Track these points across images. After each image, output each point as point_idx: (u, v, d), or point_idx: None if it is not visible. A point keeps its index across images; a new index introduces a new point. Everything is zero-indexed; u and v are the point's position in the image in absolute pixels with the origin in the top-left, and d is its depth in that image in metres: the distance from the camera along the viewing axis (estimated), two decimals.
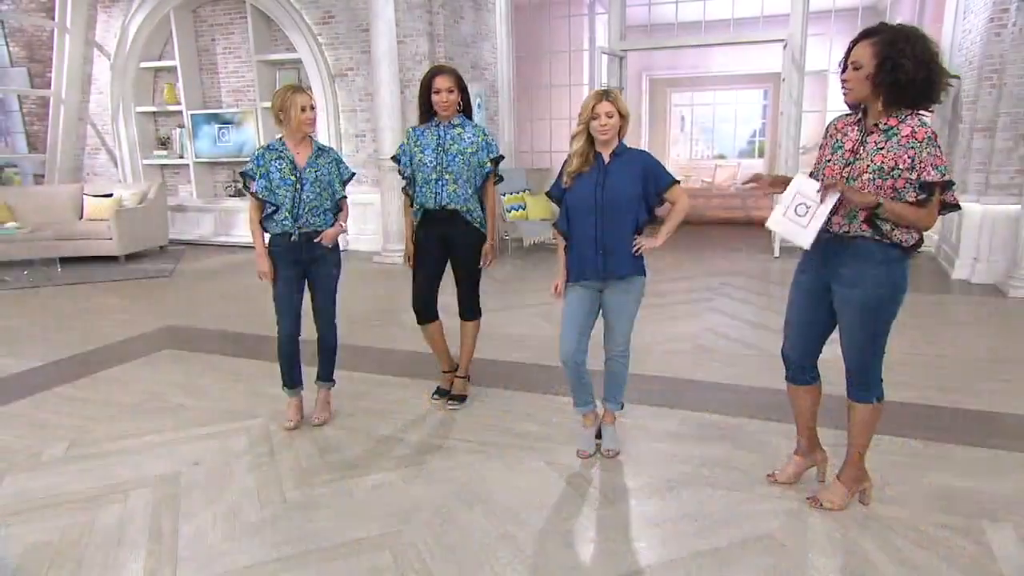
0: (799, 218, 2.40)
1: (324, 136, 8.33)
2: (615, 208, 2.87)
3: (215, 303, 6.23)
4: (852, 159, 2.38)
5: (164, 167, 9.67)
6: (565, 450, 3.17)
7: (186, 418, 3.61)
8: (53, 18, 9.23)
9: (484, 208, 3.56)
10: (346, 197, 3.47)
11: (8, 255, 7.43)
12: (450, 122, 3.44)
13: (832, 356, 2.66)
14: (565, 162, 2.96)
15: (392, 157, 3.65)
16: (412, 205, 3.54)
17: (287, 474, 3.00)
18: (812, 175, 2.50)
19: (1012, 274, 5.88)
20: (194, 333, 5.25)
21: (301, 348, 3.50)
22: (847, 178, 2.36)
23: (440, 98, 3.37)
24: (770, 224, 2.52)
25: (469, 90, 3.55)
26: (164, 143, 9.58)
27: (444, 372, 3.79)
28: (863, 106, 2.39)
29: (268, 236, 3.34)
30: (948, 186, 2.30)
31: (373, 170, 8.09)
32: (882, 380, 2.55)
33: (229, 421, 3.55)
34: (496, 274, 7.02)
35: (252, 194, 3.29)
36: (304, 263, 3.36)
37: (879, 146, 2.32)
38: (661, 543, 2.48)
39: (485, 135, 3.51)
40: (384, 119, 7.38)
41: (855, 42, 2.34)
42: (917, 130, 2.28)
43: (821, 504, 2.63)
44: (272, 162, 3.26)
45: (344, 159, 9.19)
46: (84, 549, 2.47)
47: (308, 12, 8.18)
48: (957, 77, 6.92)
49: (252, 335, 4.98)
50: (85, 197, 8.42)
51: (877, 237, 2.35)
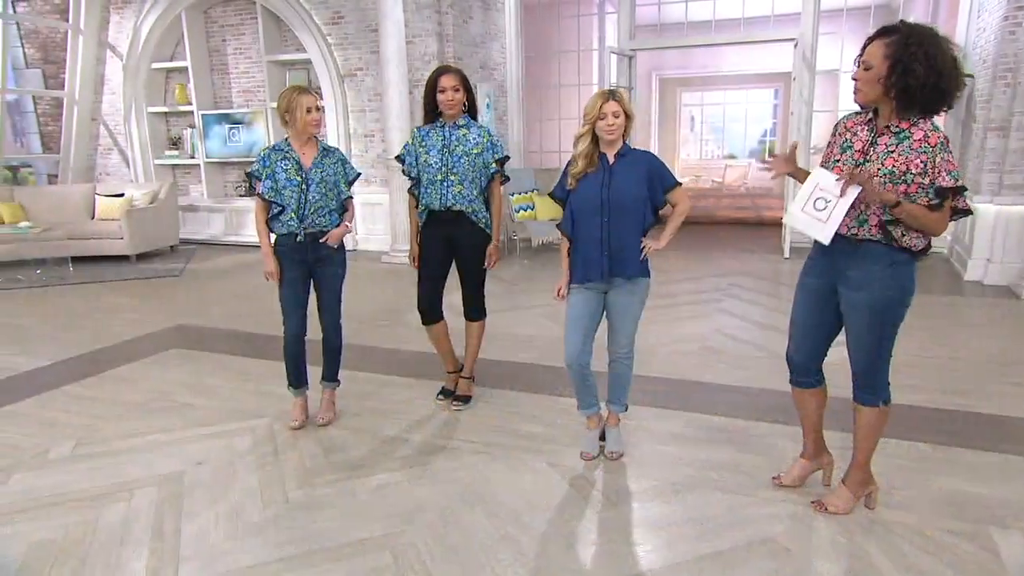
0: (818, 212, 2.35)
1: (333, 136, 8.36)
2: (621, 209, 2.85)
3: (225, 302, 6.26)
4: (862, 160, 2.34)
5: (175, 167, 9.74)
6: (569, 452, 3.15)
7: (192, 417, 3.63)
8: (67, 20, 9.32)
9: (489, 209, 3.56)
10: (352, 198, 3.48)
11: (21, 254, 7.51)
12: (455, 123, 3.44)
13: (839, 359, 2.63)
14: (569, 163, 2.95)
15: (396, 157, 3.65)
16: (417, 206, 3.54)
17: (291, 474, 3.00)
18: (816, 168, 2.47)
19: None
20: (203, 332, 5.28)
21: (307, 348, 3.51)
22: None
23: (446, 97, 3.36)
24: (787, 220, 2.48)
25: (478, 90, 3.54)
26: (175, 143, 9.65)
27: (449, 373, 3.79)
28: (874, 106, 2.36)
29: (274, 236, 3.35)
30: (960, 191, 2.27)
31: (382, 170, 8.10)
32: (889, 383, 2.52)
33: (235, 421, 3.57)
34: (504, 274, 7.02)
35: (258, 195, 3.30)
36: (310, 263, 3.37)
37: (890, 149, 2.28)
38: (664, 546, 2.46)
39: (490, 136, 3.50)
40: (393, 119, 7.40)
41: (870, 40, 2.29)
42: (930, 134, 2.24)
43: (826, 508, 2.60)
44: (278, 163, 3.27)
45: (353, 159, 9.14)
46: (88, 547, 2.48)
47: (317, 12, 8.21)
48: (971, 76, 6.84)
49: (261, 335, 4.99)
50: (97, 197, 8.49)
51: (887, 242, 2.33)
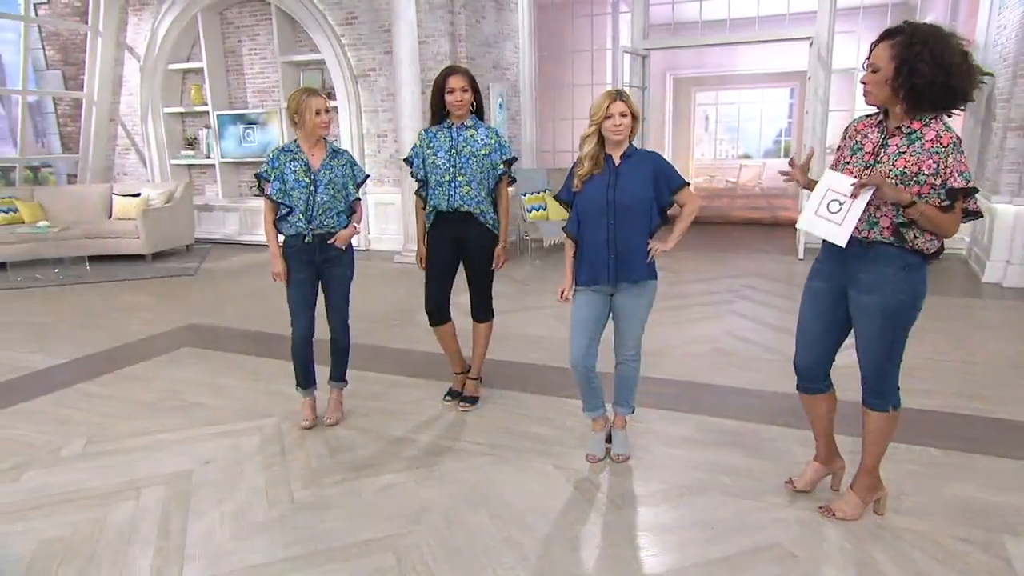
0: (832, 215, 2.32)
1: (347, 136, 8.39)
2: (628, 211, 2.83)
3: (239, 301, 6.30)
4: (873, 162, 2.31)
5: (191, 167, 9.84)
6: (576, 454, 3.14)
7: (202, 416, 3.66)
8: (86, 22, 9.44)
9: (497, 210, 3.55)
10: (360, 199, 3.48)
11: (40, 253, 7.61)
12: (463, 123, 3.43)
13: (848, 362, 2.59)
14: (574, 164, 2.93)
15: (404, 159, 3.66)
16: (424, 207, 3.54)
17: (297, 474, 3.02)
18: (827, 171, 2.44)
19: None
20: (215, 332, 5.32)
21: (315, 348, 3.52)
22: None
23: (454, 98, 3.36)
24: (801, 224, 2.45)
25: (491, 90, 3.54)
26: (191, 143, 9.74)
27: (457, 374, 3.79)
28: (885, 107, 2.33)
29: (282, 237, 3.37)
30: (972, 193, 2.24)
31: (394, 170, 8.12)
32: (898, 388, 2.49)
33: (244, 420, 3.59)
34: (515, 274, 7.01)
35: (266, 196, 3.32)
36: (318, 264, 3.39)
37: (901, 150, 2.25)
38: (668, 551, 2.44)
39: (498, 136, 3.50)
40: (405, 119, 7.41)
41: (876, 42, 2.28)
42: (942, 135, 2.21)
43: (834, 514, 2.56)
44: (287, 164, 3.29)
45: (366, 159, 9.13)
46: (95, 545, 2.51)
47: (331, 13, 8.25)
48: (991, 74, 6.73)
49: (273, 334, 5.02)
50: (114, 196, 8.60)
51: (899, 244, 2.29)
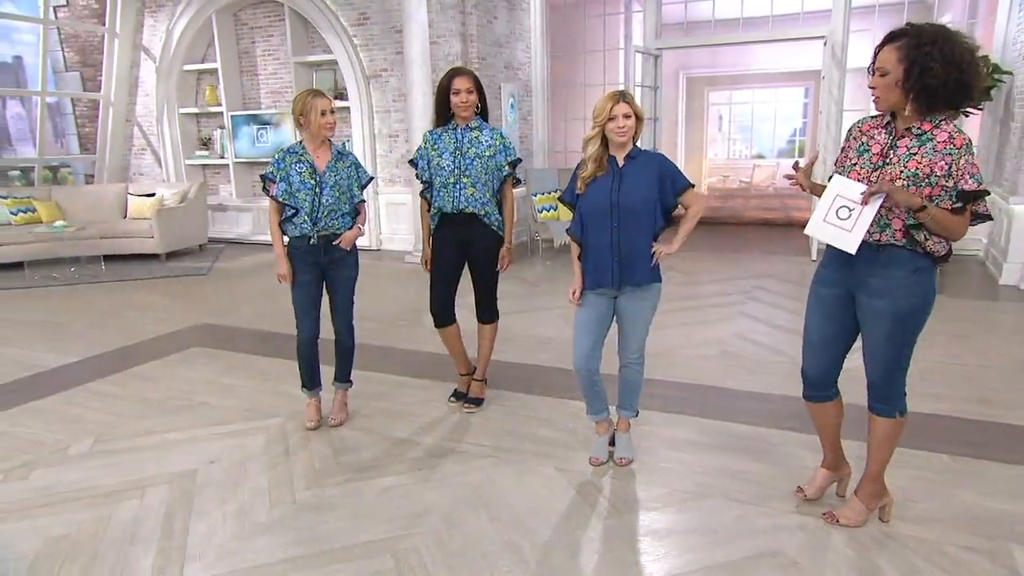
0: (842, 221, 2.28)
1: (358, 136, 8.42)
2: (632, 213, 2.81)
3: (250, 301, 6.34)
4: (881, 163, 2.28)
5: (206, 167, 9.92)
6: (579, 457, 3.13)
7: (209, 416, 3.68)
8: (104, 24, 9.56)
9: (502, 211, 3.54)
10: (364, 201, 3.50)
11: (56, 252, 7.71)
12: (468, 125, 3.43)
13: (853, 365, 2.56)
14: (578, 166, 2.92)
15: (410, 161, 3.67)
16: (429, 209, 3.54)
17: (300, 475, 3.03)
18: (835, 175, 2.41)
19: None
20: (226, 331, 5.35)
21: (321, 348, 3.54)
22: (875, 182, 2.26)
23: (460, 99, 3.36)
24: (810, 230, 2.39)
25: (502, 90, 3.54)
26: (206, 143, 9.83)
27: (462, 375, 3.78)
28: (893, 110, 2.30)
29: (287, 238, 3.38)
30: (982, 196, 2.20)
31: (406, 170, 8.12)
32: (905, 393, 2.45)
33: (250, 420, 3.61)
34: (526, 275, 7.00)
35: (272, 197, 3.34)
36: (323, 265, 3.40)
37: (912, 151, 2.22)
38: (668, 556, 2.43)
39: (503, 138, 3.49)
40: (416, 119, 7.42)
41: (880, 47, 2.25)
42: (955, 136, 2.17)
43: (838, 520, 2.53)
44: (292, 165, 3.30)
45: (377, 159, 9.13)
46: (99, 544, 2.53)
47: (344, 14, 8.28)
48: (1010, 73, 6.62)
49: (283, 334, 5.02)
50: (129, 196, 8.70)
51: (910, 247, 2.26)
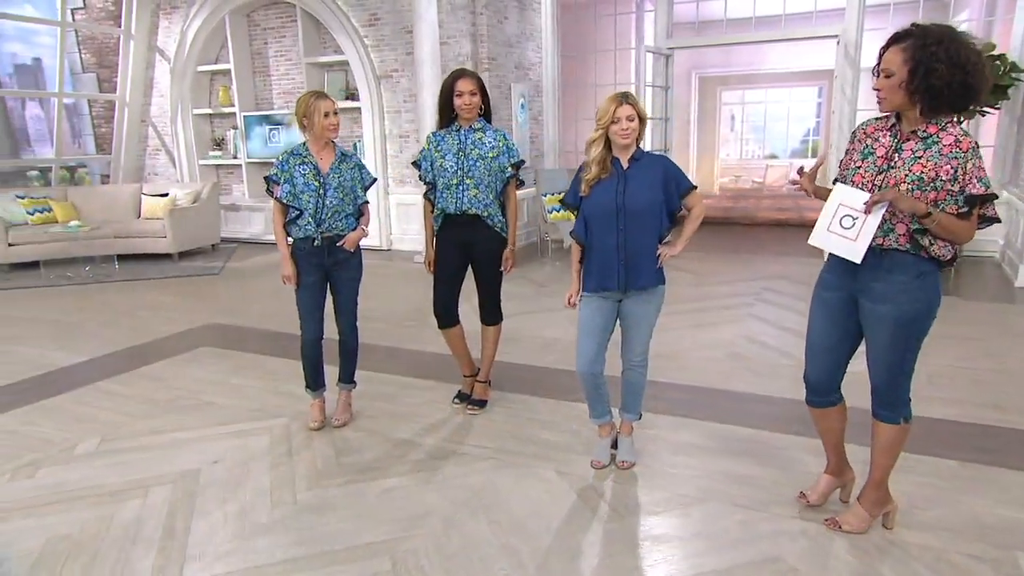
0: (846, 231, 2.25)
1: (369, 136, 8.45)
2: (638, 215, 2.79)
3: (261, 301, 6.37)
4: (886, 167, 2.24)
5: (219, 167, 10.00)
6: (581, 460, 3.11)
7: (215, 416, 3.71)
8: (120, 26, 9.66)
9: (505, 213, 3.54)
10: (368, 202, 3.50)
11: (71, 252, 7.80)
12: (471, 126, 3.43)
13: (857, 370, 2.52)
14: (580, 169, 2.90)
15: (413, 163, 3.68)
16: (433, 210, 3.54)
17: (302, 475, 3.04)
18: (837, 182, 2.37)
19: None
20: (235, 331, 5.38)
21: (326, 348, 3.55)
22: (879, 186, 2.23)
23: (463, 101, 3.36)
24: (814, 240, 2.34)
25: (512, 90, 3.53)
26: (219, 144, 9.91)
27: (465, 376, 3.78)
28: (897, 112, 2.26)
29: (291, 240, 3.40)
30: (990, 199, 2.16)
31: (416, 170, 8.14)
32: (910, 399, 2.41)
33: (255, 420, 3.63)
34: (535, 276, 6.99)
35: (276, 199, 3.35)
36: (327, 267, 3.41)
37: (917, 154, 2.18)
38: (667, 561, 2.41)
39: (506, 139, 3.48)
40: (427, 120, 7.42)
41: (885, 47, 2.21)
42: (961, 139, 2.13)
43: (840, 527, 2.50)
44: (296, 167, 3.31)
45: (388, 159, 9.12)
46: (101, 543, 2.56)
47: (355, 14, 8.31)
48: None
49: (292, 334, 4.96)
50: (142, 196, 8.78)
51: (914, 251, 2.22)
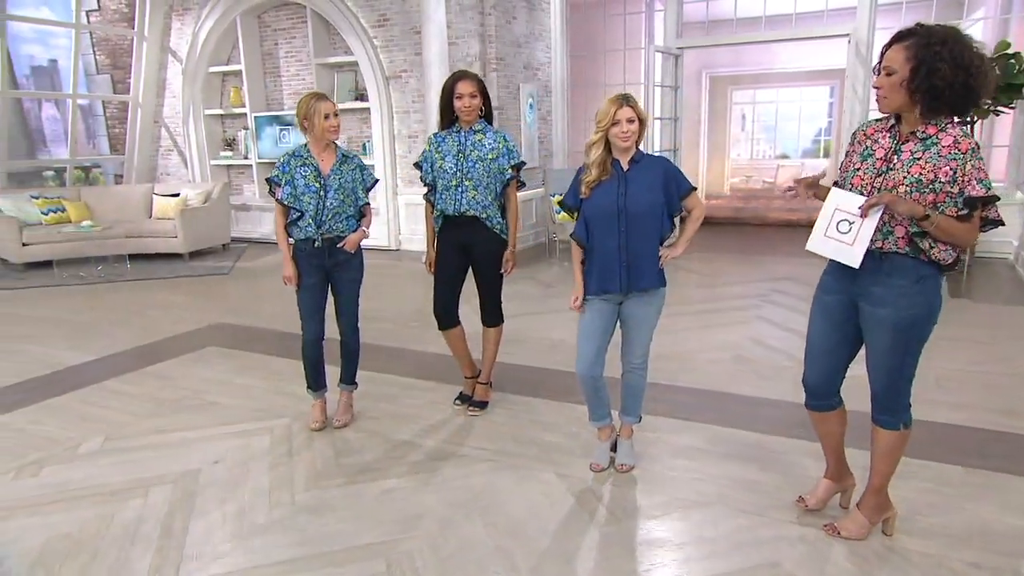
0: (843, 235, 2.23)
1: (378, 136, 8.47)
2: (639, 217, 2.77)
3: (269, 300, 6.38)
4: (885, 168, 2.22)
5: (230, 167, 10.07)
6: (580, 463, 3.10)
7: (218, 416, 3.73)
8: (133, 27, 9.76)
9: (505, 215, 3.53)
10: (369, 203, 3.51)
11: (84, 252, 7.89)
12: (472, 128, 3.43)
13: (857, 373, 2.49)
14: (580, 171, 2.89)
15: (415, 164, 3.69)
16: (433, 211, 3.54)
17: (301, 476, 3.05)
18: (837, 185, 2.35)
19: None
20: (243, 331, 5.41)
21: (328, 349, 3.56)
22: (878, 188, 2.21)
23: (463, 103, 3.36)
24: (811, 246, 2.32)
25: (521, 90, 3.53)
26: (230, 144, 9.98)
27: (467, 378, 3.78)
28: (897, 113, 2.23)
29: (292, 241, 3.41)
30: (992, 201, 2.13)
31: (418, 171, 8.15)
32: (910, 405, 2.38)
33: (257, 420, 3.65)
34: (541, 276, 6.98)
35: (277, 200, 3.37)
36: (327, 268, 3.42)
37: (916, 156, 2.15)
38: (663, 565, 2.39)
39: (506, 141, 3.48)
40: (435, 120, 7.40)
41: (888, 46, 2.19)
42: (960, 140, 2.10)
43: (839, 532, 2.47)
44: (297, 169, 3.33)
45: (397, 159, 9.12)
46: (100, 542, 2.58)
47: (364, 15, 8.33)
48: None
49: (297, 335, 4.99)
50: (154, 196, 8.87)
51: (914, 255, 2.19)
